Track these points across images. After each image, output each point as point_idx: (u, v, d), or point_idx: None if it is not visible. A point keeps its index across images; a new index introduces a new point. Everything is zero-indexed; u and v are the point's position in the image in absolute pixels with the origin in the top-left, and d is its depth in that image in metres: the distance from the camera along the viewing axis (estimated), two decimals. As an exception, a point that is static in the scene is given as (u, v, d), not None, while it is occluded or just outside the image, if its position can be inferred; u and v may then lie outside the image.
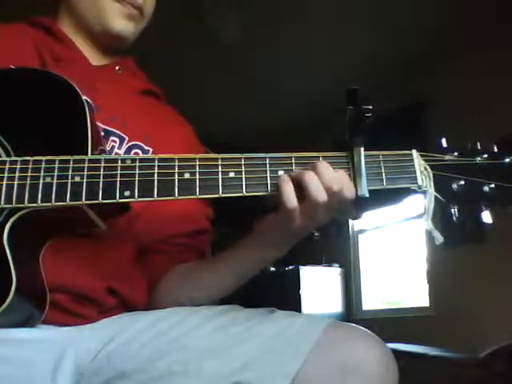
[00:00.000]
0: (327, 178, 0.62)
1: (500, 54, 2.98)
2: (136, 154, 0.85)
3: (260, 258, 0.75)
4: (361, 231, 4.28)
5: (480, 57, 3.10)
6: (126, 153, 0.84)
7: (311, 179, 0.62)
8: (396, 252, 4.01)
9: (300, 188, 0.62)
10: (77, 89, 0.68)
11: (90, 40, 0.91)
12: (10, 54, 0.80)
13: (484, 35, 3.00)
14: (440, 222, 0.66)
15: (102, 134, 0.81)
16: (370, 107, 0.62)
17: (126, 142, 0.85)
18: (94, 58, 0.91)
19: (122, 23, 0.88)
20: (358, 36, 3.20)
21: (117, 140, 0.84)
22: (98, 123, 0.79)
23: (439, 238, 0.65)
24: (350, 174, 0.65)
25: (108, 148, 0.82)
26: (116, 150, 0.83)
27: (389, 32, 3.15)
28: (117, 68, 0.93)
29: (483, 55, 3.08)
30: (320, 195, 0.61)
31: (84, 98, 0.68)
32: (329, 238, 4.22)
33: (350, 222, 4.26)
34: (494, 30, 2.96)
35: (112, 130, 0.84)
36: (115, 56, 0.95)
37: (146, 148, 0.86)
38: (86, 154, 0.65)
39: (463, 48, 3.14)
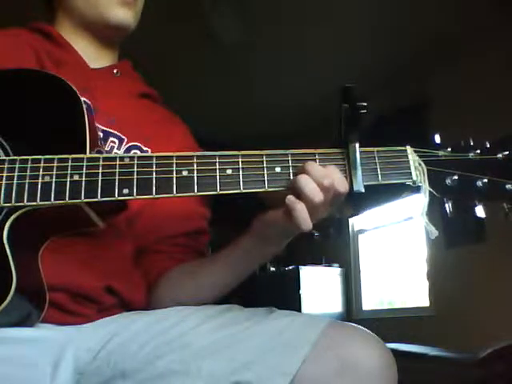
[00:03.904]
0: (316, 175, 0.62)
1: (500, 54, 2.98)
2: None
3: (259, 254, 0.75)
4: (361, 231, 4.28)
5: (480, 57, 3.10)
6: (125, 153, 0.84)
7: (304, 182, 0.62)
8: (396, 252, 4.01)
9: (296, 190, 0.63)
10: (75, 89, 0.68)
11: (92, 37, 0.92)
12: (9, 58, 0.80)
13: (484, 35, 3.00)
14: (441, 223, 0.66)
15: (101, 135, 0.82)
16: (365, 104, 0.63)
17: (124, 142, 0.85)
18: (93, 61, 0.91)
19: (120, 12, 0.89)
20: (358, 36, 3.21)
21: (116, 141, 0.84)
22: (97, 124, 0.79)
23: (434, 232, 0.66)
24: (345, 170, 0.66)
25: (107, 148, 0.83)
26: (115, 150, 0.84)
27: (389, 32, 3.15)
28: (115, 71, 0.94)
29: (483, 55, 3.08)
30: (316, 196, 0.62)
31: (83, 99, 0.68)
32: (329, 238, 4.22)
33: (350, 221, 4.27)
34: (494, 30, 2.96)
35: (111, 131, 0.84)
36: (115, 49, 0.96)
37: (145, 149, 0.87)
38: (84, 154, 0.65)
39: (463, 48, 3.14)
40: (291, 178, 0.65)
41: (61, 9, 0.93)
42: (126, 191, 0.62)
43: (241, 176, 0.64)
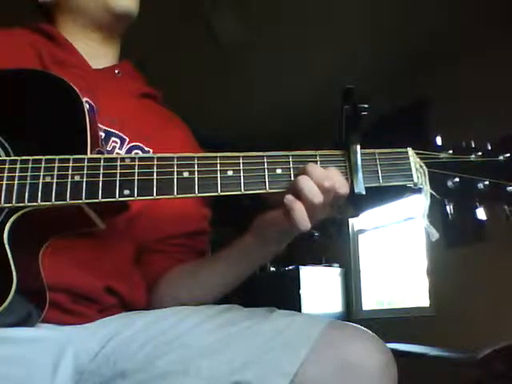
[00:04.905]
0: (317, 176, 0.63)
1: (500, 54, 2.98)
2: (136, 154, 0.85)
3: (259, 254, 0.76)
4: (361, 231, 4.28)
5: (480, 57, 3.10)
6: (126, 153, 0.84)
7: (304, 183, 0.63)
8: (396, 252, 4.01)
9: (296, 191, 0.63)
10: (76, 89, 0.68)
11: (94, 33, 0.92)
12: (10, 58, 0.80)
13: (484, 35, 3.00)
14: (441, 223, 0.66)
15: (103, 135, 0.82)
16: (366, 105, 0.63)
17: (126, 142, 0.85)
18: (94, 62, 0.91)
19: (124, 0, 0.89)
20: (358, 36, 3.21)
21: (117, 141, 0.84)
22: (99, 124, 0.79)
23: (435, 234, 0.66)
24: (346, 172, 0.66)
25: (109, 148, 0.83)
26: (117, 150, 0.84)
27: (388, 32, 3.15)
28: (116, 71, 0.94)
29: (483, 55, 3.08)
30: (315, 196, 0.62)
31: (85, 99, 0.68)
32: (329, 238, 4.22)
33: (350, 221, 4.26)
34: (494, 30, 2.96)
35: (113, 131, 0.84)
36: (117, 48, 0.96)
37: (147, 149, 0.87)
38: (85, 154, 0.65)
39: (463, 48, 3.14)
40: (292, 179, 0.65)
41: (59, 9, 0.93)
42: (126, 192, 0.63)
43: (242, 177, 0.64)
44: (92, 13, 0.90)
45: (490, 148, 0.68)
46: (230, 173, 0.64)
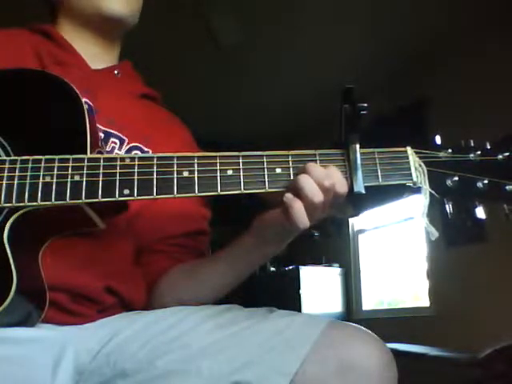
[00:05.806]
0: (317, 175, 0.63)
1: (500, 54, 2.98)
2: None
3: (259, 254, 0.76)
4: (361, 231, 4.28)
5: (480, 57, 3.10)
6: (126, 154, 0.84)
7: (304, 181, 0.63)
8: (396, 252, 4.01)
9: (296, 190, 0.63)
10: (75, 89, 0.68)
11: (92, 35, 0.91)
12: (10, 57, 0.80)
13: (484, 35, 3.00)
14: (440, 222, 0.66)
15: (102, 135, 0.82)
16: (366, 105, 0.63)
17: (125, 143, 0.85)
18: (94, 62, 0.91)
19: (113, 3, 0.88)
20: (358, 36, 3.21)
21: (117, 141, 0.84)
22: (98, 125, 0.79)
23: (434, 234, 0.66)
24: (345, 171, 0.66)
25: (108, 149, 0.83)
26: (116, 150, 0.84)
27: (389, 32, 3.15)
28: (116, 72, 0.94)
29: (483, 55, 3.08)
30: (315, 195, 0.62)
31: (84, 99, 0.68)
32: (329, 238, 4.22)
33: (350, 221, 4.27)
34: (494, 30, 2.96)
35: (112, 131, 0.84)
36: (116, 49, 0.96)
37: (146, 149, 0.87)
38: (85, 154, 0.65)
39: (463, 48, 3.14)
40: (292, 178, 0.65)
41: (61, 9, 0.93)
42: (126, 192, 0.63)
43: (241, 177, 0.64)
44: (86, 14, 0.90)
45: (489, 147, 0.68)
46: (229, 172, 0.64)
